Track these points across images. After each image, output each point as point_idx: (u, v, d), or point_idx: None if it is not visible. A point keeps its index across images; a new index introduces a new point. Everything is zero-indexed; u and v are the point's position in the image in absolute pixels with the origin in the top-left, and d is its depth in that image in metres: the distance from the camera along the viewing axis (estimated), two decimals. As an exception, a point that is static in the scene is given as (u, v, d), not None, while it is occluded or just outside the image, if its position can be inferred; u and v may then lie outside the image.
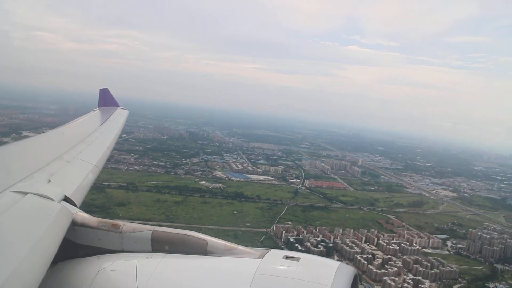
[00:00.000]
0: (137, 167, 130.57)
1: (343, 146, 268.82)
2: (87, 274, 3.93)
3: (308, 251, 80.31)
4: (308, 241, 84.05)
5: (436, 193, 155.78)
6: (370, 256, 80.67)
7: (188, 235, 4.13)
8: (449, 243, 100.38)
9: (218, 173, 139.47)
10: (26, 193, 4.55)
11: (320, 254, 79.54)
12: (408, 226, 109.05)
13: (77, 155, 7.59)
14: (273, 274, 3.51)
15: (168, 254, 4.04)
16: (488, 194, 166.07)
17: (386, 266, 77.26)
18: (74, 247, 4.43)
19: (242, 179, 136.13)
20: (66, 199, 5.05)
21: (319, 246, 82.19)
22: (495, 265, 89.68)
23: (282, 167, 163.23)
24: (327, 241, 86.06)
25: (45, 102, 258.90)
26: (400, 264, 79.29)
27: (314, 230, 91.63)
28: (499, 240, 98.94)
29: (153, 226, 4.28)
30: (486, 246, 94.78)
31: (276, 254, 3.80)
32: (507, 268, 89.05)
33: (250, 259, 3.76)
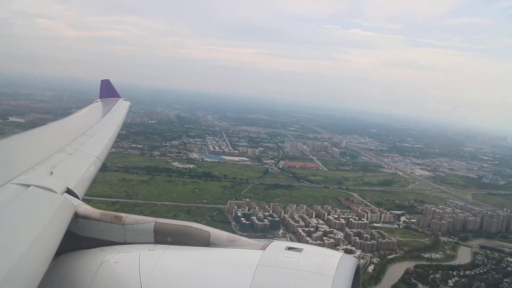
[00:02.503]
0: (113, 149, 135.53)
1: (335, 129, 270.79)
2: (90, 266, 3.97)
3: (252, 224, 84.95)
4: (256, 215, 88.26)
5: (411, 172, 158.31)
6: (312, 229, 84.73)
7: (190, 227, 4.17)
8: (403, 218, 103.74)
9: (194, 155, 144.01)
10: (28, 186, 4.59)
11: (264, 226, 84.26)
12: (368, 202, 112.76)
13: (79, 147, 7.62)
14: (275, 265, 3.54)
15: (171, 245, 4.09)
16: (466, 173, 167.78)
17: (324, 238, 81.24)
18: (77, 239, 4.47)
19: (216, 160, 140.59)
20: (69, 191, 5.08)
21: (265, 220, 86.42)
22: (440, 237, 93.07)
23: (261, 148, 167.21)
24: (274, 215, 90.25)
25: (41, 89, 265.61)
26: (340, 236, 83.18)
27: (266, 206, 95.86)
28: (449, 215, 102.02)
29: (156, 218, 4.32)
30: (434, 220, 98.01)
31: (278, 245, 3.84)
32: (450, 240, 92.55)
33: (252, 251, 3.81)
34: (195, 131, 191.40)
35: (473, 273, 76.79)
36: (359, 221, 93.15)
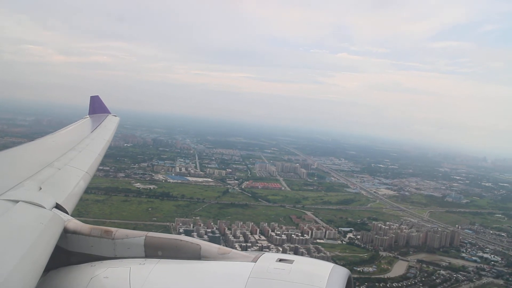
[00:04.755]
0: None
1: (313, 151, 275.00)
2: (80, 282, 3.92)
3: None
4: (197, 232, 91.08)
5: (375, 192, 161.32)
6: (250, 244, 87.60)
7: (181, 240, 4.17)
8: (350, 235, 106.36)
9: (159, 176, 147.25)
10: (17, 201, 4.56)
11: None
12: (319, 220, 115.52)
13: (68, 162, 7.59)
14: (267, 277, 3.55)
15: (162, 259, 4.08)
16: (432, 192, 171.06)
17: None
18: (66, 255, 4.43)
19: (179, 181, 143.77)
20: (58, 206, 5.05)
21: (205, 236, 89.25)
22: (380, 252, 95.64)
23: (229, 170, 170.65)
24: (216, 232, 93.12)
25: (24, 114, 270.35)
26: (274, 251, 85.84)
27: (212, 224, 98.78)
28: (393, 231, 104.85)
29: (146, 232, 4.35)
30: (377, 236, 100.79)
31: (269, 257, 3.86)
32: (390, 255, 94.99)
33: (243, 263, 3.82)
34: (168, 154, 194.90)
35: (400, 285, 79.20)
36: (301, 237, 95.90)
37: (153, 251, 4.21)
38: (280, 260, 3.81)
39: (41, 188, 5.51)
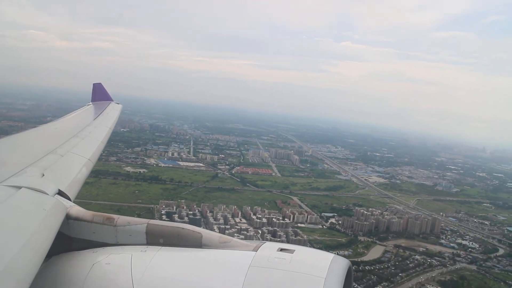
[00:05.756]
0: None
1: (311, 138, 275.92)
2: (82, 267, 3.97)
3: (172, 221, 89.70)
4: (179, 214, 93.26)
5: (365, 179, 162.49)
6: (228, 226, 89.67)
7: (182, 228, 4.22)
8: (332, 220, 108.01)
9: (151, 161, 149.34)
10: (19, 187, 4.62)
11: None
12: (304, 205, 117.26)
13: (71, 149, 7.63)
14: (267, 266, 3.57)
15: (163, 247, 4.12)
16: (423, 181, 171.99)
17: (236, 234, 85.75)
18: (68, 241, 4.49)
19: (170, 166, 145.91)
20: (60, 193, 5.11)
21: (186, 218, 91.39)
22: (359, 237, 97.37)
23: (222, 155, 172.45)
24: (196, 214, 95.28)
25: (24, 99, 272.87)
26: (253, 234, 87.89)
27: (195, 206, 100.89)
28: (375, 217, 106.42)
29: (148, 220, 4.38)
30: (357, 221, 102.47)
31: (270, 247, 3.87)
32: (368, 239, 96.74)
33: (244, 252, 3.83)
34: (164, 139, 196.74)
35: (372, 268, 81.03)
36: (282, 221, 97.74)
37: (154, 238, 4.25)
38: (281, 249, 3.81)
39: (43, 175, 5.51)
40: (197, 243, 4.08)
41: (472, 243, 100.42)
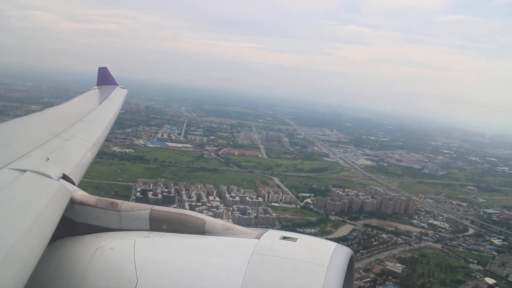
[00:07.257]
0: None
1: (308, 122, 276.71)
2: (86, 252, 4.01)
3: (146, 198, 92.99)
4: (154, 191, 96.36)
5: (352, 162, 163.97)
6: (200, 204, 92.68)
7: (186, 215, 4.22)
8: (308, 200, 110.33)
9: (140, 141, 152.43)
10: (24, 171, 4.62)
11: (157, 201, 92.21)
12: (283, 186, 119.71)
13: (76, 134, 7.68)
14: (270, 254, 3.56)
15: (166, 233, 4.13)
16: (412, 164, 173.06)
17: (205, 211, 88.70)
18: (72, 225, 4.51)
19: (158, 146, 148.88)
20: (65, 177, 5.10)
21: (159, 195, 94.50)
22: (330, 217, 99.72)
23: (212, 137, 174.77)
24: (171, 192, 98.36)
25: (25, 80, 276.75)
26: (223, 211, 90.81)
27: (172, 184, 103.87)
28: (349, 197, 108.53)
29: (151, 205, 4.40)
30: (330, 201, 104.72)
31: (273, 235, 3.84)
32: (338, 219, 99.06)
33: (247, 239, 3.81)
34: (158, 121, 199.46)
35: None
36: (255, 200, 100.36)
37: (158, 224, 4.25)
38: (284, 238, 3.77)
39: (48, 159, 5.49)
40: (200, 229, 4.07)
41: (443, 223, 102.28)
